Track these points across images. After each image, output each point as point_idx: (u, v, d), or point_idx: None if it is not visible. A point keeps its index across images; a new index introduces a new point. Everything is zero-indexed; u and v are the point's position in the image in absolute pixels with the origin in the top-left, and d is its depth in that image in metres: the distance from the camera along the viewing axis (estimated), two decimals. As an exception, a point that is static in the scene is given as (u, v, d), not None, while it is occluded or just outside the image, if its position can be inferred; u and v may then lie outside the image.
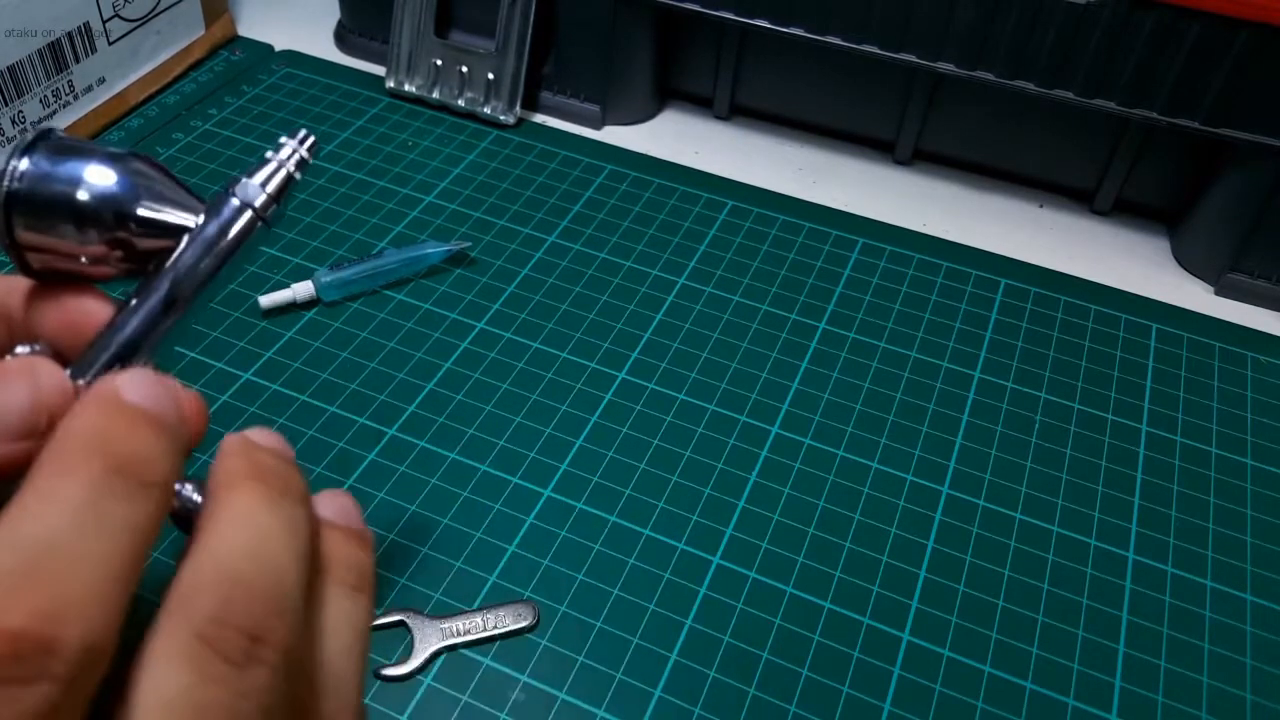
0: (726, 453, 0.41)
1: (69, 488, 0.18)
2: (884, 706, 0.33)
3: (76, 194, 0.23)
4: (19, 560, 0.17)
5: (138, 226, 0.23)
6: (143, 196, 0.23)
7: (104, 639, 0.17)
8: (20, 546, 0.17)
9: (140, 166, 0.24)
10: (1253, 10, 0.43)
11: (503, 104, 0.56)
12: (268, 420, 0.40)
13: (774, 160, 0.57)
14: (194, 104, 0.57)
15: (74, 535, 0.17)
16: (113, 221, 0.23)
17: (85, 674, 0.17)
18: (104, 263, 0.23)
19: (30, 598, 0.16)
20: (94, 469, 0.18)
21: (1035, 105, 0.51)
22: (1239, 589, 0.37)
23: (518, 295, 0.47)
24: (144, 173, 0.24)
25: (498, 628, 0.34)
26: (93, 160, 0.23)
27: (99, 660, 0.17)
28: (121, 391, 0.20)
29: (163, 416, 0.20)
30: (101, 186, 0.23)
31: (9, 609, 0.16)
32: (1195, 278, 0.51)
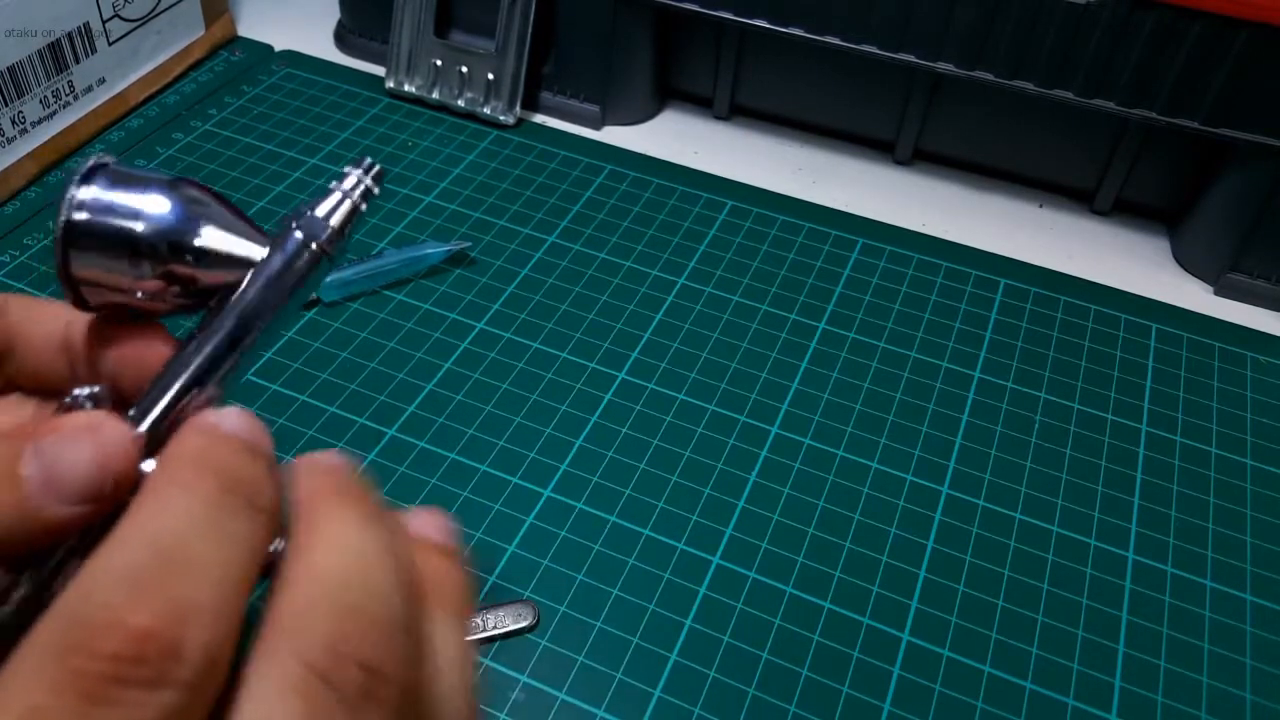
0: (726, 453, 0.41)
1: (188, 499, 0.18)
2: (884, 706, 0.33)
3: (135, 226, 0.22)
4: (145, 557, 0.16)
5: (196, 260, 0.23)
6: (202, 228, 0.22)
7: (225, 650, 0.16)
8: (146, 544, 0.17)
9: (199, 195, 0.23)
10: (1253, 10, 0.43)
11: (503, 104, 0.56)
12: (268, 420, 0.40)
13: (774, 160, 0.57)
14: (194, 104, 0.57)
15: (199, 541, 0.17)
16: (169, 254, 0.22)
17: (206, 684, 0.16)
18: (161, 298, 0.23)
19: (157, 597, 0.16)
20: (209, 486, 0.18)
21: (1035, 105, 0.51)
22: (1239, 589, 0.37)
23: (518, 295, 0.47)
24: (203, 202, 0.23)
25: (497, 628, 0.34)
26: (151, 190, 0.22)
27: (219, 673, 0.16)
28: (220, 423, 0.20)
29: (260, 445, 0.20)
30: (160, 217, 0.22)
31: (137, 606, 0.16)
32: (1195, 278, 0.51)
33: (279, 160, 0.53)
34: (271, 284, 0.23)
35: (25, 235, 0.48)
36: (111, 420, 0.21)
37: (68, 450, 0.20)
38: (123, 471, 0.20)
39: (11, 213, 0.49)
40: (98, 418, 0.21)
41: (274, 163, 0.53)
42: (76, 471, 0.20)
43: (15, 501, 0.19)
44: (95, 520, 0.20)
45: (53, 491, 0.19)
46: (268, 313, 0.23)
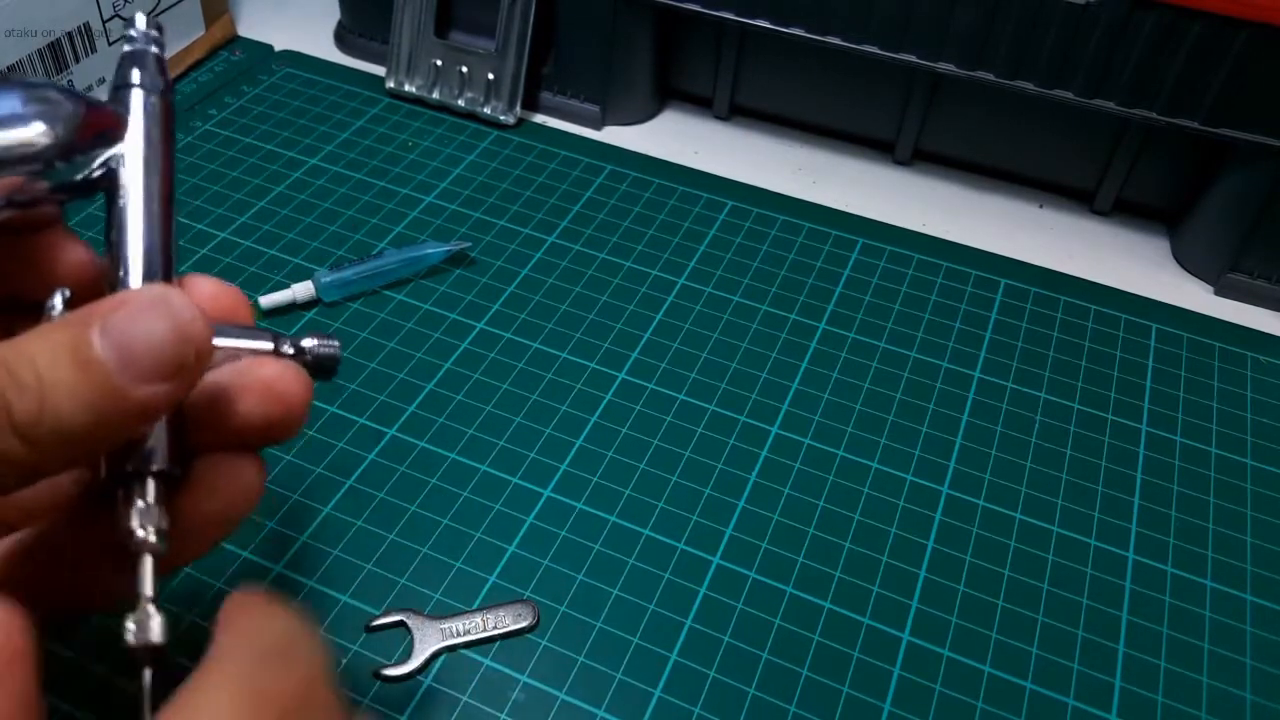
0: (726, 453, 0.41)
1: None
2: (884, 706, 0.33)
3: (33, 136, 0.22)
4: None
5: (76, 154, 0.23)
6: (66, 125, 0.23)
7: None
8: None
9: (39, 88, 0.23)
10: (1253, 10, 0.43)
11: (503, 104, 0.56)
12: (268, 420, 0.40)
13: (774, 160, 0.57)
14: (194, 104, 0.57)
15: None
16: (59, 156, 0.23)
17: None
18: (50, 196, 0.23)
19: None
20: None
21: (1035, 105, 0.51)
22: (1239, 589, 0.37)
23: (518, 295, 0.47)
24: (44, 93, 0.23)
25: (498, 628, 0.34)
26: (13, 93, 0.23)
27: None
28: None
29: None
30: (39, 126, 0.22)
31: None
32: (1195, 278, 0.51)
33: (279, 160, 0.53)
34: (154, 145, 0.24)
35: (25, 235, 0.48)
36: (176, 290, 0.20)
37: (141, 324, 0.19)
38: (203, 341, 0.20)
39: (11, 213, 0.49)
40: (160, 289, 0.20)
41: (274, 163, 0.53)
42: (154, 344, 0.19)
43: (96, 385, 0.18)
44: (180, 399, 0.20)
45: (133, 369, 0.19)
46: (167, 164, 0.24)
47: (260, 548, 0.36)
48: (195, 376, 0.20)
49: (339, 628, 0.34)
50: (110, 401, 0.18)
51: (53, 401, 0.18)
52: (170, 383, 0.19)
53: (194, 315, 0.19)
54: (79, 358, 0.18)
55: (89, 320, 0.19)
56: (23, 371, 0.18)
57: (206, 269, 0.47)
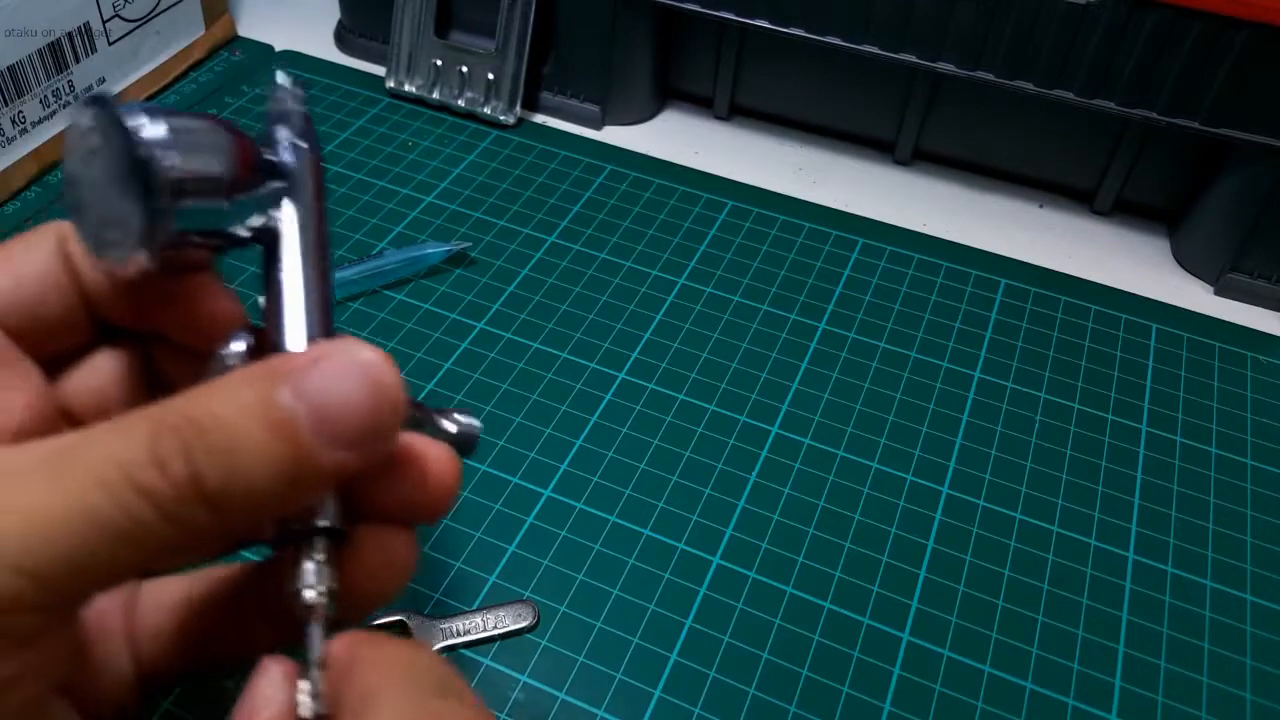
0: (726, 453, 0.41)
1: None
2: (884, 706, 0.33)
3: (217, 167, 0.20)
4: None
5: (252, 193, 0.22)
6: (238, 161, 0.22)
7: None
8: None
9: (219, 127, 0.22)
10: (1253, 10, 0.43)
11: (503, 104, 0.56)
12: (268, 420, 0.40)
13: (774, 160, 0.57)
14: (194, 104, 0.57)
15: None
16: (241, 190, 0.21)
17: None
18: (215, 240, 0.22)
19: None
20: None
21: (1035, 105, 0.51)
22: (1239, 589, 0.37)
23: (518, 295, 0.47)
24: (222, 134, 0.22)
25: (498, 628, 0.34)
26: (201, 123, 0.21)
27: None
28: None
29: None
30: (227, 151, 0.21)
31: None
32: (1195, 278, 0.51)
33: (279, 160, 0.53)
34: (310, 196, 0.23)
35: (25, 235, 0.48)
36: (374, 350, 0.19)
37: (340, 385, 0.18)
38: (401, 407, 0.18)
39: (11, 212, 0.49)
40: (356, 348, 0.18)
41: (274, 163, 0.53)
42: (353, 408, 0.18)
43: (288, 450, 0.17)
44: (368, 470, 0.19)
45: (328, 434, 0.17)
46: (322, 220, 0.23)
47: (260, 548, 0.36)
48: (390, 444, 0.19)
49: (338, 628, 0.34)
50: (301, 467, 0.17)
51: (244, 466, 0.17)
52: (365, 449, 0.18)
53: (395, 379, 0.18)
54: (271, 419, 0.17)
55: (277, 378, 0.18)
56: (211, 432, 0.17)
57: (206, 269, 0.47)
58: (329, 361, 0.18)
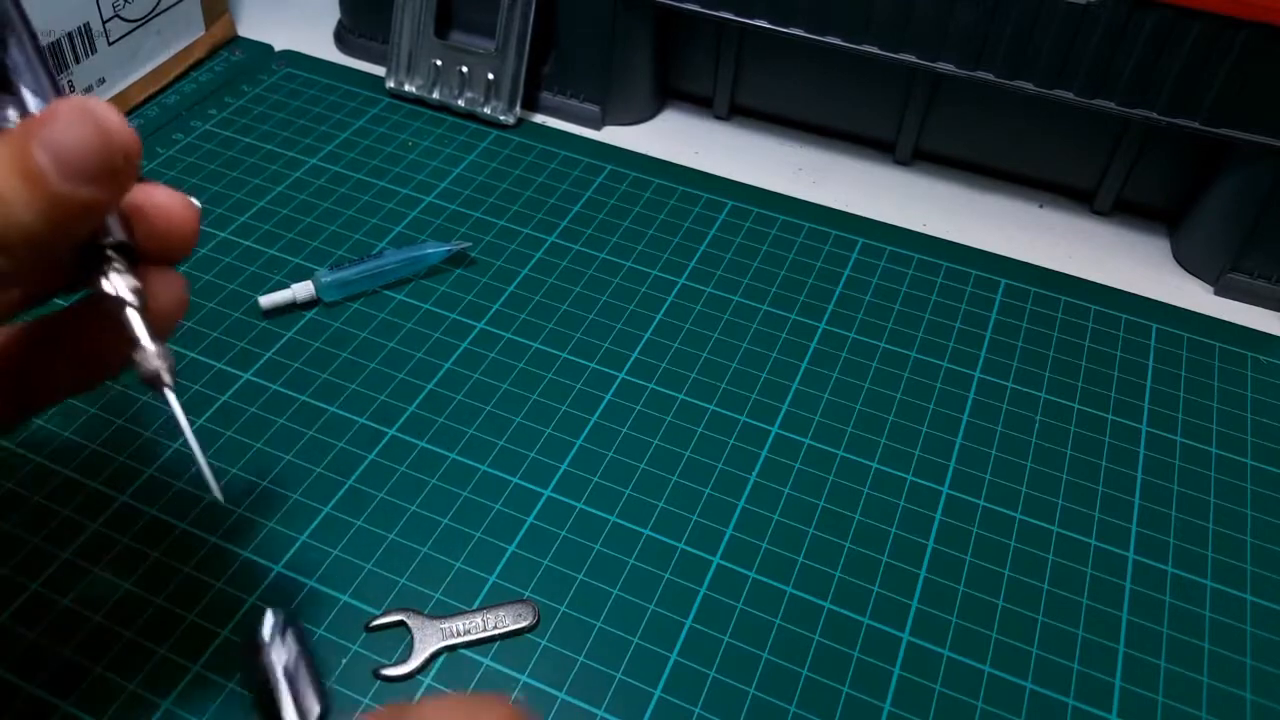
0: (726, 453, 0.41)
1: None
2: (884, 706, 0.33)
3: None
4: None
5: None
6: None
7: None
8: None
9: None
10: (1253, 10, 0.43)
11: (503, 104, 0.56)
12: (268, 420, 0.40)
13: (774, 160, 0.57)
14: (194, 104, 0.57)
15: None
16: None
17: None
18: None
19: None
20: None
21: (1035, 105, 0.51)
22: (1239, 589, 0.37)
23: (518, 295, 0.47)
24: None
25: (498, 628, 0.34)
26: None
27: None
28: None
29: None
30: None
31: None
32: (1195, 278, 0.51)
33: (279, 160, 0.53)
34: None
35: (25, 235, 0.48)
36: (97, 100, 0.22)
37: (71, 132, 0.21)
38: (130, 143, 0.22)
39: (11, 213, 0.49)
40: (81, 100, 0.22)
41: (274, 163, 0.53)
42: (85, 149, 0.21)
43: (42, 193, 0.21)
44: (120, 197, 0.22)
45: (70, 174, 0.21)
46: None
47: (260, 547, 0.36)
48: (130, 175, 0.22)
49: (339, 628, 0.34)
50: (57, 205, 0.21)
51: (13, 213, 0.21)
52: (107, 183, 0.22)
53: (118, 119, 0.22)
54: (23, 170, 0.21)
55: (26, 134, 0.21)
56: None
57: (207, 269, 0.47)
58: (63, 113, 0.21)
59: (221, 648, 0.33)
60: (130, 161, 0.22)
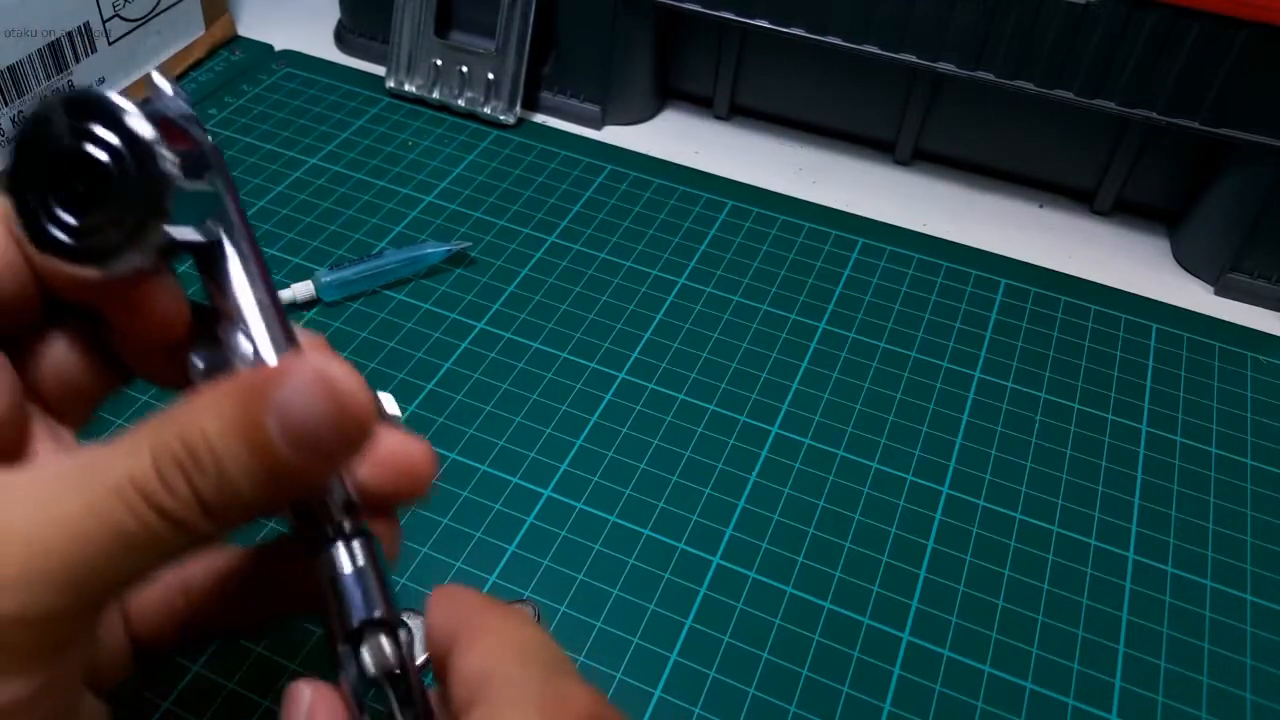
0: (726, 453, 0.41)
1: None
2: (884, 706, 0.33)
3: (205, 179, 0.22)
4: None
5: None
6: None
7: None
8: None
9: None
10: (1253, 10, 0.43)
11: (503, 104, 0.56)
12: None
13: (774, 160, 0.57)
14: (194, 104, 0.57)
15: None
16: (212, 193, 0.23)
17: None
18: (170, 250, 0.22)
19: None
20: None
21: (1035, 105, 0.51)
22: (1239, 589, 0.37)
23: (518, 295, 0.47)
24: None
25: (498, 628, 0.34)
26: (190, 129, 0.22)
27: None
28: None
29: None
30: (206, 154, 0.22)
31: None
32: (1195, 278, 0.51)
33: (279, 160, 0.53)
34: (233, 200, 0.24)
35: (25, 235, 0.48)
36: (339, 365, 0.20)
37: (310, 404, 0.19)
38: (369, 418, 0.20)
39: (11, 213, 0.49)
40: (323, 363, 0.20)
41: (274, 163, 0.53)
42: (323, 425, 0.19)
43: (268, 465, 0.19)
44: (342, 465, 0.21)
45: (303, 450, 0.19)
46: (246, 221, 0.24)
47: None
48: (362, 449, 0.20)
49: (339, 628, 0.34)
50: (283, 479, 0.19)
51: (231, 482, 0.19)
52: (336, 457, 0.20)
53: (357, 389, 0.19)
54: (251, 440, 0.19)
55: (255, 396, 0.19)
56: (201, 453, 0.19)
57: (206, 269, 0.47)
58: (296, 378, 0.19)
59: (218, 651, 0.33)
60: (366, 433, 0.20)
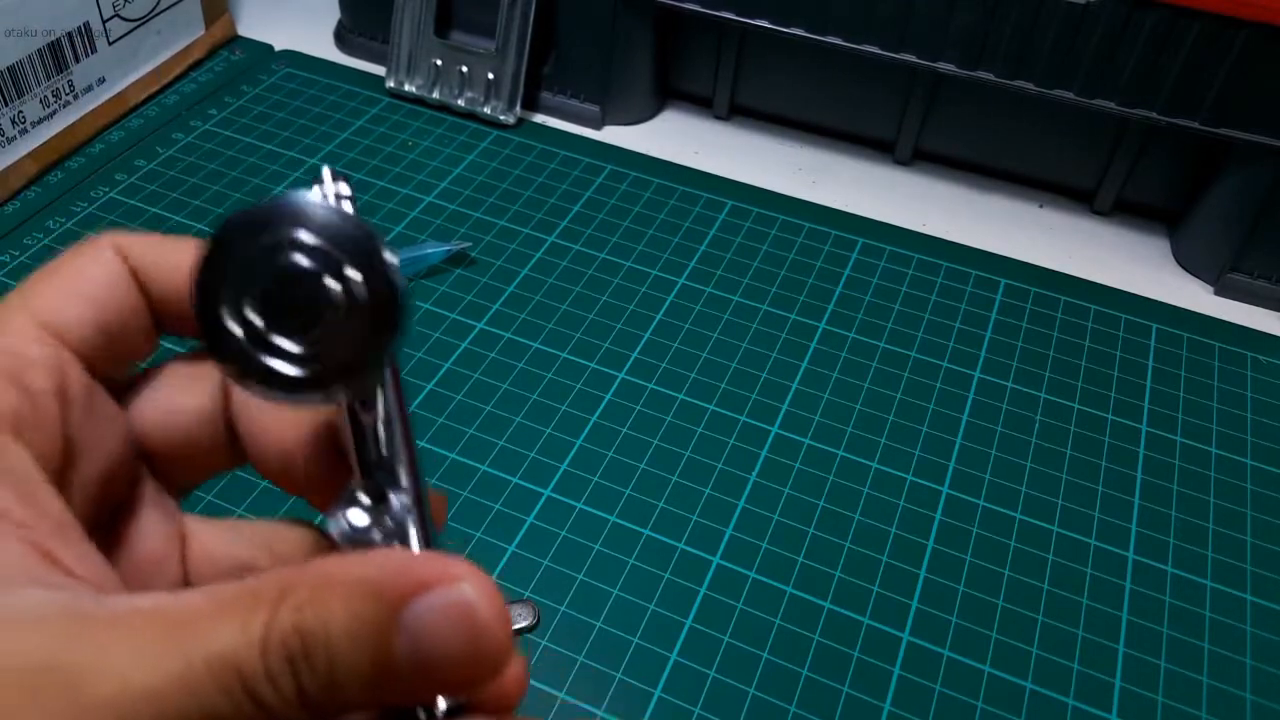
0: (726, 453, 0.41)
1: None
2: (884, 706, 0.33)
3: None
4: None
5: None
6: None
7: None
8: None
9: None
10: (1253, 10, 0.43)
11: (503, 104, 0.56)
12: (268, 420, 0.40)
13: (774, 160, 0.57)
14: (194, 104, 0.57)
15: None
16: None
17: None
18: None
19: None
20: None
21: (1035, 105, 0.51)
22: (1239, 589, 0.37)
23: (518, 295, 0.47)
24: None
25: (498, 628, 0.34)
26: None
27: None
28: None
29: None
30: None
31: None
32: (1195, 278, 0.51)
33: (279, 160, 0.53)
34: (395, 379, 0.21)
35: (25, 235, 0.48)
36: (486, 594, 0.17)
37: (446, 633, 0.17)
38: (503, 657, 0.17)
39: (11, 212, 0.49)
40: (471, 592, 0.17)
41: (274, 163, 0.53)
42: (453, 660, 0.17)
43: (387, 683, 0.17)
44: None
45: (426, 679, 0.17)
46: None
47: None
48: (486, 685, 0.18)
49: (339, 628, 0.34)
50: (393, 693, 0.17)
51: (341, 689, 0.17)
52: (456, 691, 0.18)
53: (498, 628, 0.17)
54: (375, 651, 0.17)
55: (393, 604, 0.17)
56: (318, 653, 0.17)
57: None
58: (438, 599, 0.17)
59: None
60: (494, 674, 0.17)
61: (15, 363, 0.20)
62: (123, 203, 0.50)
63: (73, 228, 0.48)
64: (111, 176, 0.52)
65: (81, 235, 0.48)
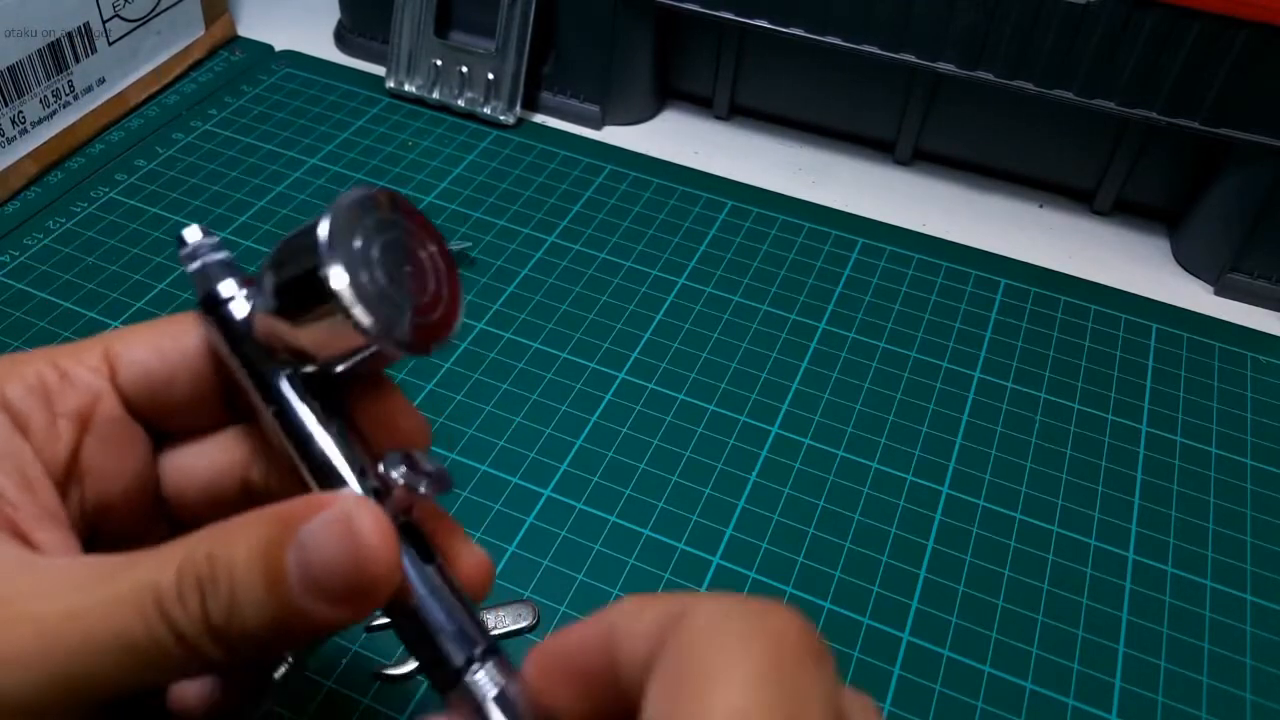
0: (726, 453, 0.41)
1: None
2: (884, 707, 0.33)
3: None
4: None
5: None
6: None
7: None
8: None
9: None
10: (1253, 10, 0.43)
11: (503, 104, 0.56)
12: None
13: (774, 160, 0.57)
14: (194, 104, 0.57)
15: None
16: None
17: None
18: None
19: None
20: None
21: (1035, 105, 0.51)
22: (1239, 589, 0.37)
23: (518, 295, 0.47)
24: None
25: (497, 628, 0.34)
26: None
27: None
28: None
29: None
30: None
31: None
32: (1195, 278, 0.51)
33: (279, 160, 0.53)
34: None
35: (25, 235, 0.48)
36: (368, 509, 0.19)
37: (325, 546, 0.18)
38: (382, 572, 0.19)
39: (12, 213, 0.49)
40: (350, 505, 0.19)
41: (274, 163, 0.53)
42: (334, 570, 0.18)
43: (279, 602, 0.18)
44: (360, 620, 0.19)
45: (313, 592, 0.18)
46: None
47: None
48: (377, 603, 0.19)
49: (339, 628, 0.34)
50: (290, 617, 0.19)
51: (240, 611, 0.18)
52: (349, 607, 0.19)
53: (378, 543, 0.19)
54: (268, 571, 0.18)
55: (284, 526, 0.19)
56: (221, 575, 0.18)
57: (206, 269, 0.47)
58: (322, 518, 0.19)
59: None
60: (384, 591, 0.19)
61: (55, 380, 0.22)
62: (123, 203, 0.50)
63: (73, 228, 0.48)
64: (111, 177, 0.52)
65: (82, 235, 0.48)
